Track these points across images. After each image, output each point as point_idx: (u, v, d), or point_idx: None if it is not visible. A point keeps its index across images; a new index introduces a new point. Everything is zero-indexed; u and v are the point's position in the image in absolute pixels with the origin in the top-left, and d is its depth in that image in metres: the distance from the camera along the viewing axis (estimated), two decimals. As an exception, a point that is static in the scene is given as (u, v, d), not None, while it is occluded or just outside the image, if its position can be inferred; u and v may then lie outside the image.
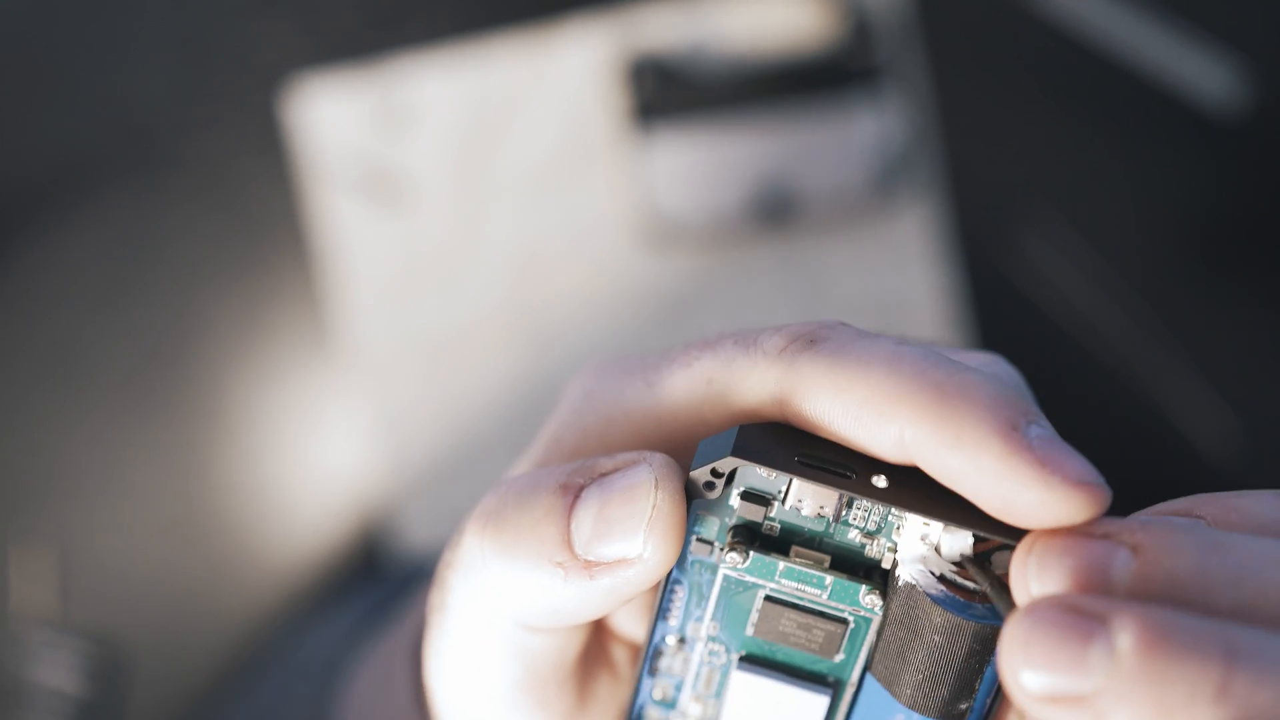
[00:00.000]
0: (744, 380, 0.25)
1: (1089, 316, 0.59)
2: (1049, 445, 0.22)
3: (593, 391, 0.27)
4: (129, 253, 0.58)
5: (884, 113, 0.58)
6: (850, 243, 0.59)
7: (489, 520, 0.25)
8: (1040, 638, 0.21)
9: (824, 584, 0.25)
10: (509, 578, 0.25)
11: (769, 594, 0.26)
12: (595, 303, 0.59)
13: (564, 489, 0.25)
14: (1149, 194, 0.59)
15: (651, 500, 0.24)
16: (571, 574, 0.24)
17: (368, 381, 0.58)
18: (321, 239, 0.58)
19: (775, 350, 0.25)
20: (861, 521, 0.25)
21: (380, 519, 0.58)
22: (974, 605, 0.24)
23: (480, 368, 0.59)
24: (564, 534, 0.24)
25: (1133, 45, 0.59)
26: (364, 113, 0.58)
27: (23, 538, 0.57)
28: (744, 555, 0.25)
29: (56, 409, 0.58)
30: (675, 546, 0.24)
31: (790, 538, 0.26)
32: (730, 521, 0.25)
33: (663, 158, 0.57)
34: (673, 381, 0.26)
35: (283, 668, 0.50)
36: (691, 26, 0.58)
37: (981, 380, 0.23)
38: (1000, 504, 0.22)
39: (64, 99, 0.58)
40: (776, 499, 0.25)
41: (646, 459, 0.25)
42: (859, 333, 0.24)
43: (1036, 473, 0.22)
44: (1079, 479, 0.22)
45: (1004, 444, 0.22)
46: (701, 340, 0.26)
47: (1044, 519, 0.22)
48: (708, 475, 0.24)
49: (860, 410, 0.23)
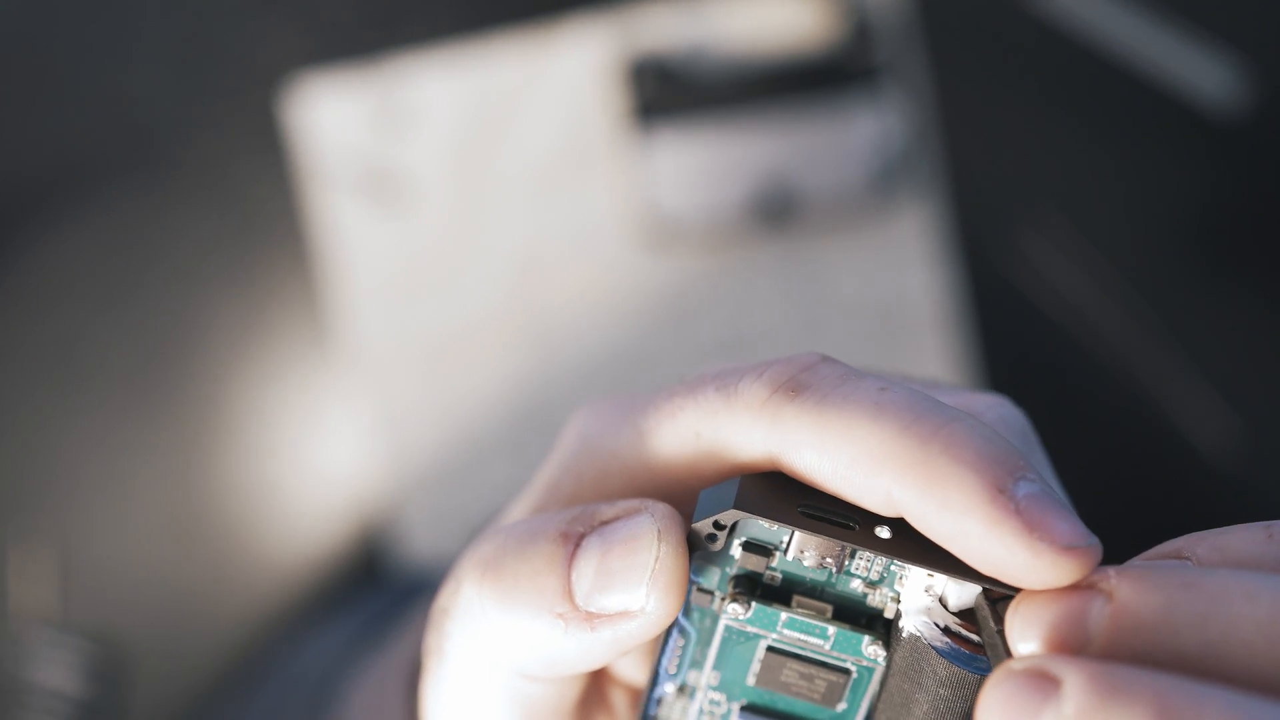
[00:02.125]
0: (731, 435, 0.25)
1: (1089, 316, 0.59)
2: (1037, 506, 0.22)
3: (588, 437, 0.27)
4: (129, 252, 0.58)
5: (884, 113, 0.58)
6: (850, 243, 0.59)
7: (488, 569, 0.25)
8: (1004, 703, 0.21)
9: (826, 634, 0.25)
10: (508, 627, 0.24)
11: (771, 644, 0.26)
12: (596, 303, 0.59)
13: (564, 538, 0.24)
14: (1148, 194, 0.59)
15: (654, 553, 0.24)
16: (572, 625, 0.24)
17: (368, 382, 0.58)
18: (321, 239, 0.58)
19: (758, 402, 0.24)
20: (864, 571, 0.25)
21: (380, 519, 0.58)
22: (980, 658, 0.24)
23: (481, 368, 0.59)
24: (565, 584, 0.24)
25: (1132, 45, 0.59)
26: (364, 113, 0.58)
27: (23, 538, 0.57)
28: (746, 606, 0.25)
29: (56, 409, 0.58)
30: (678, 599, 0.24)
31: (792, 587, 0.25)
32: (731, 571, 0.25)
33: (663, 158, 0.57)
34: (662, 434, 0.25)
35: (277, 680, 0.50)
36: (691, 26, 0.58)
37: (968, 433, 0.22)
38: (990, 567, 0.22)
39: (64, 99, 0.58)
40: (779, 549, 0.25)
41: (649, 509, 0.24)
42: (841, 376, 0.24)
43: (1023, 540, 0.22)
44: (1067, 543, 0.22)
45: (990, 509, 0.22)
46: (684, 386, 0.26)
47: (1034, 582, 0.22)
48: (710, 528, 0.24)
49: (847, 470, 0.23)
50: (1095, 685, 0.20)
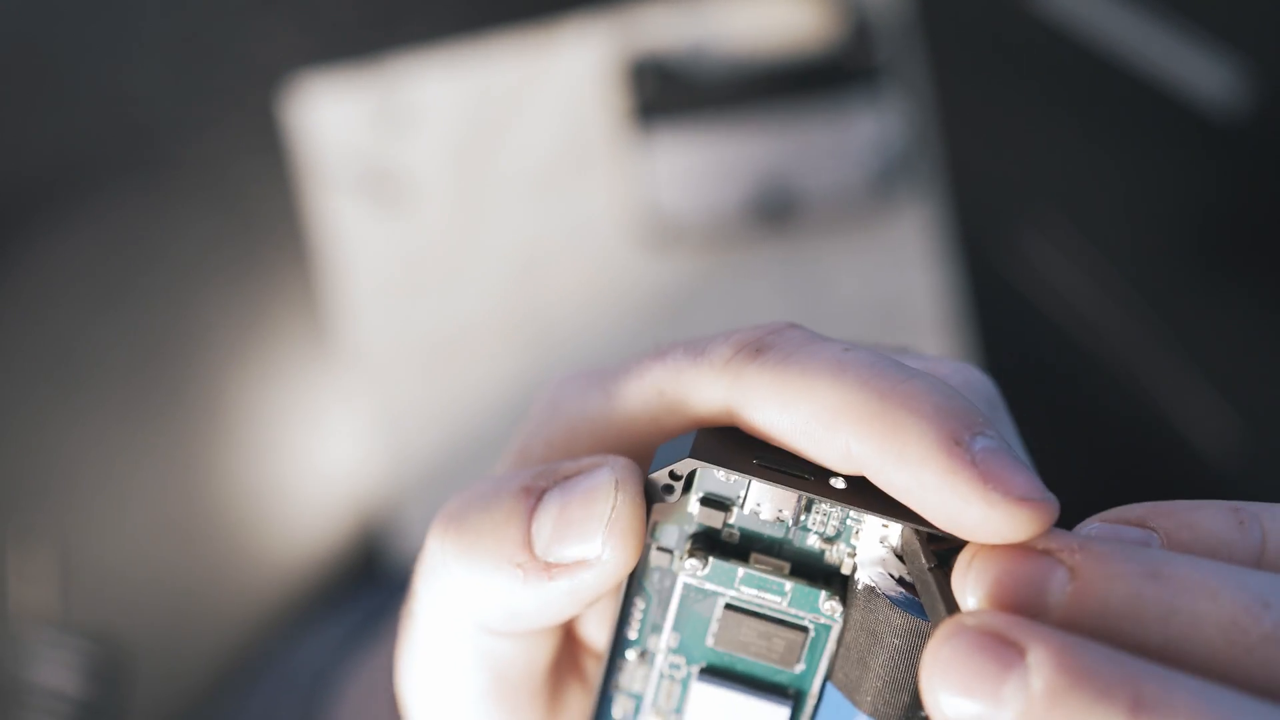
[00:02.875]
0: (693, 390, 0.25)
1: (1088, 316, 0.59)
2: (994, 459, 0.22)
3: (557, 402, 0.27)
4: (129, 252, 0.58)
5: (884, 113, 0.58)
6: (850, 243, 0.59)
7: (450, 522, 0.25)
8: (962, 662, 0.20)
9: (784, 590, 0.25)
10: (470, 580, 0.25)
11: (729, 602, 0.26)
12: (595, 302, 0.59)
13: (526, 492, 0.25)
14: (1149, 194, 0.59)
15: (611, 502, 0.24)
16: (531, 575, 0.24)
17: (367, 382, 0.58)
18: (321, 239, 0.58)
19: (722, 360, 0.24)
20: (821, 526, 0.25)
21: (380, 518, 0.58)
22: None
23: (480, 367, 0.59)
24: (524, 535, 0.24)
25: (1133, 45, 0.59)
26: (364, 113, 0.58)
27: (23, 538, 0.57)
28: (704, 562, 0.25)
29: (56, 409, 0.58)
30: (634, 548, 0.24)
31: (750, 545, 0.25)
32: (690, 529, 0.25)
33: (663, 158, 0.57)
34: (628, 392, 0.26)
35: (273, 677, 0.50)
36: (691, 26, 0.58)
37: (927, 388, 0.22)
38: (945, 519, 0.22)
39: (64, 98, 0.58)
40: (736, 504, 0.25)
41: (609, 462, 0.25)
42: (806, 338, 0.24)
43: (978, 490, 0.21)
44: (1023, 495, 0.21)
45: (946, 459, 0.22)
46: (655, 349, 0.26)
47: (988, 535, 0.22)
48: (666, 478, 0.24)
49: (806, 424, 0.23)
50: (1066, 662, 0.20)
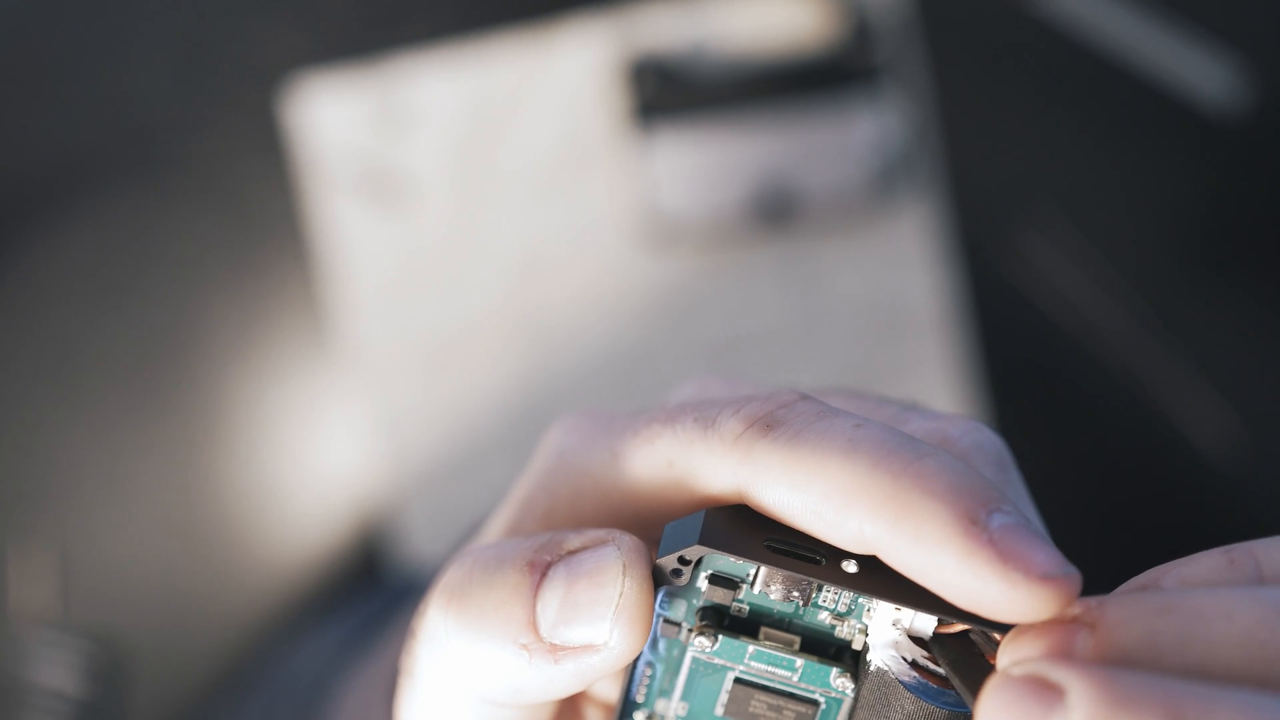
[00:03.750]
0: (703, 466, 0.24)
1: (1089, 316, 0.59)
2: (1011, 536, 0.22)
3: (564, 453, 0.27)
4: (129, 252, 0.58)
5: (884, 113, 0.58)
6: (850, 243, 0.59)
7: (453, 596, 0.25)
8: (1006, 709, 0.21)
9: (794, 666, 0.25)
10: (473, 656, 0.24)
11: (739, 676, 0.25)
12: (596, 303, 0.59)
13: (531, 567, 0.24)
14: (1149, 194, 0.59)
15: (619, 587, 0.23)
16: (536, 657, 0.24)
17: (368, 382, 0.58)
18: (321, 239, 0.58)
19: (733, 436, 0.24)
20: (832, 604, 0.25)
21: (380, 520, 0.58)
22: (948, 693, 0.24)
23: (481, 368, 0.59)
24: (529, 615, 0.24)
25: (1133, 45, 0.59)
26: (364, 113, 0.58)
27: (23, 538, 0.57)
28: (713, 639, 0.25)
29: (56, 409, 0.58)
30: (642, 634, 0.24)
31: (759, 619, 0.25)
32: (698, 604, 0.25)
33: (663, 158, 0.57)
34: (636, 460, 0.25)
35: (269, 683, 0.50)
36: (691, 26, 0.58)
37: (940, 467, 0.22)
38: (965, 600, 0.22)
39: (64, 98, 0.58)
40: (745, 582, 0.25)
41: (615, 540, 0.24)
42: (817, 413, 0.24)
43: (998, 569, 0.21)
44: (1044, 574, 0.21)
45: (963, 540, 0.21)
46: (664, 412, 0.26)
47: (1011, 614, 0.22)
48: (674, 563, 0.24)
49: (818, 506, 0.23)
50: (1103, 691, 0.20)
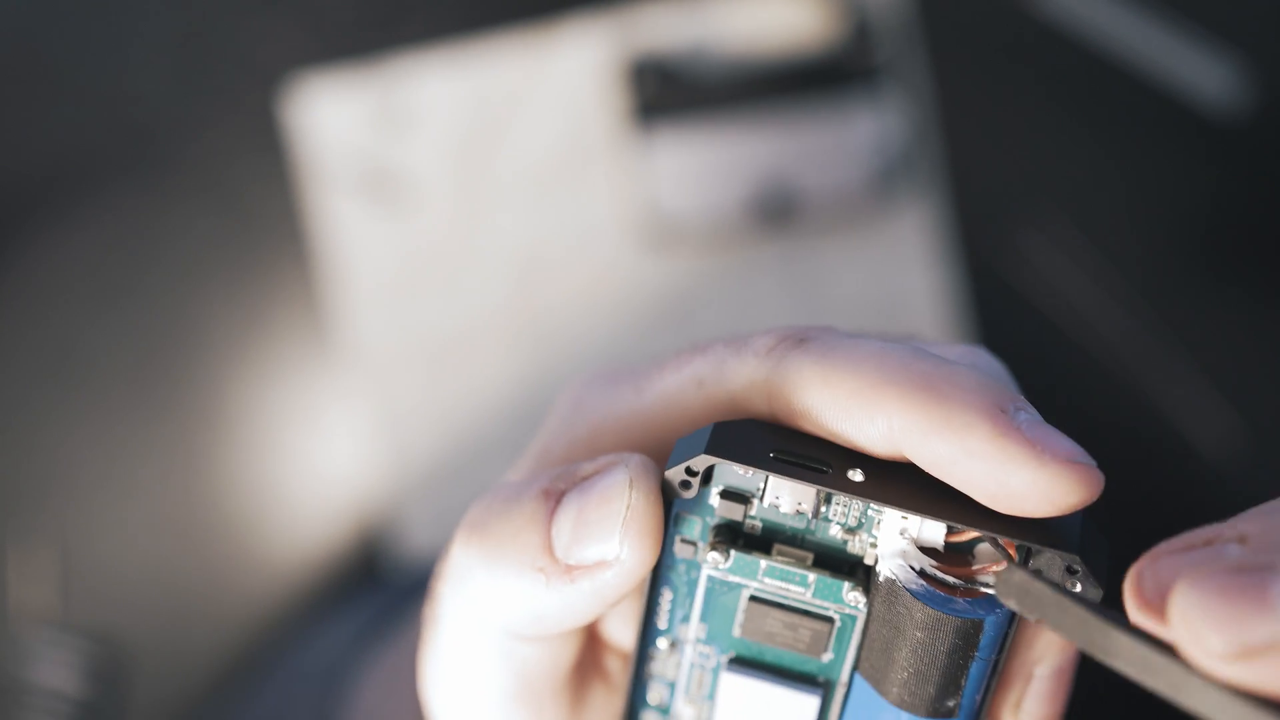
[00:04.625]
0: (733, 379, 0.25)
1: (1089, 316, 0.59)
2: (1038, 427, 0.22)
3: (582, 401, 0.27)
4: (129, 252, 0.58)
5: (884, 113, 0.58)
6: (850, 243, 0.59)
7: (473, 530, 0.25)
8: (1216, 596, 0.20)
9: (807, 582, 0.25)
10: (493, 586, 0.25)
11: (753, 594, 0.25)
12: (596, 303, 0.59)
13: (546, 495, 0.25)
14: (1149, 194, 0.59)
15: (626, 500, 0.24)
16: (553, 579, 0.24)
17: (368, 383, 0.58)
18: (321, 239, 0.58)
19: (765, 349, 0.25)
20: (842, 518, 0.25)
21: (381, 520, 0.58)
22: (955, 600, 0.24)
23: (481, 368, 0.59)
24: (545, 539, 0.24)
25: (1133, 45, 0.59)
26: (364, 113, 0.58)
27: (23, 538, 0.57)
28: (725, 555, 0.25)
29: (56, 409, 0.58)
30: (652, 547, 0.24)
31: (773, 536, 0.25)
32: (712, 521, 0.25)
33: (663, 158, 0.57)
34: (663, 385, 0.26)
35: (286, 673, 0.50)
36: (691, 26, 0.58)
37: (968, 370, 0.23)
38: (992, 487, 0.22)
39: (64, 98, 0.58)
40: (755, 496, 0.25)
41: (624, 460, 0.24)
42: (846, 333, 0.25)
43: (1027, 452, 0.22)
44: (1070, 458, 0.22)
45: (992, 426, 0.22)
46: (693, 345, 0.26)
47: (1037, 500, 0.22)
48: (683, 474, 0.24)
49: (848, 402, 0.23)
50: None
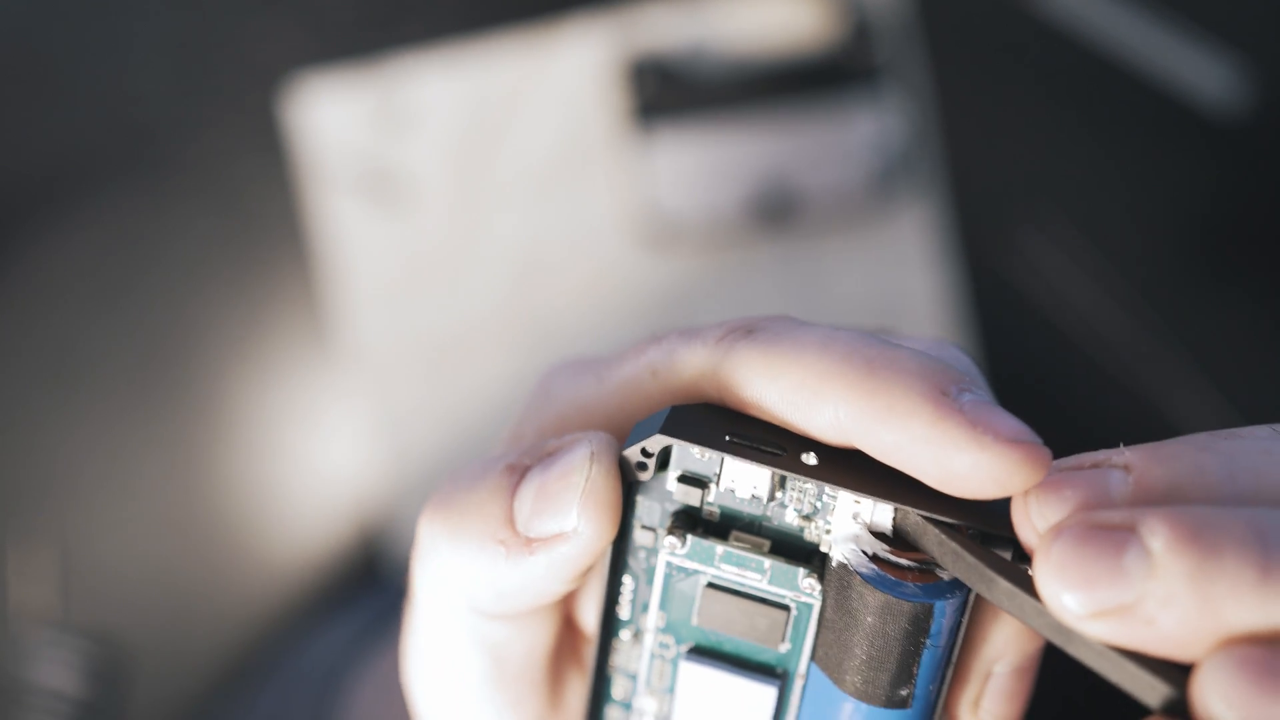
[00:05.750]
0: (684, 368, 0.25)
1: (1089, 316, 0.59)
2: (980, 408, 0.22)
3: (549, 389, 0.27)
4: (129, 252, 0.58)
5: (884, 113, 0.58)
6: (850, 243, 0.59)
7: (439, 504, 0.25)
8: (1073, 558, 0.20)
9: (764, 568, 0.25)
10: (457, 560, 0.25)
11: (710, 580, 0.26)
12: (596, 302, 0.59)
13: (510, 470, 0.25)
14: (1149, 194, 0.59)
15: (585, 473, 0.24)
16: (513, 551, 0.24)
17: (368, 383, 0.58)
18: (321, 239, 0.58)
19: (714, 339, 0.25)
20: (797, 504, 0.25)
21: (380, 520, 0.58)
22: (905, 584, 0.24)
23: (481, 369, 0.59)
24: (506, 512, 0.25)
25: (1133, 45, 0.59)
26: (364, 113, 0.58)
27: (23, 538, 0.57)
28: (683, 540, 0.25)
29: (56, 409, 0.58)
30: (609, 520, 0.24)
31: (730, 523, 0.25)
32: (671, 507, 0.25)
33: (663, 158, 0.57)
34: (621, 373, 0.26)
35: (282, 677, 0.50)
36: (691, 26, 0.58)
37: (911, 354, 0.23)
38: (937, 472, 0.22)
39: (64, 98, 0.58)
40: (712, 481, 0.25)
41: (587, 437, 0.25)
42: (797, 322, 0.25)
43: (968, 433, 0.22)
44: (1013, 437, 0.22)
45: (934, 409, 0.22)
46: (651, 335, 0.27)
47: (982, 482, 0.22)
48: (639, 455, 0.24)
49: (793, 393, 0.23)
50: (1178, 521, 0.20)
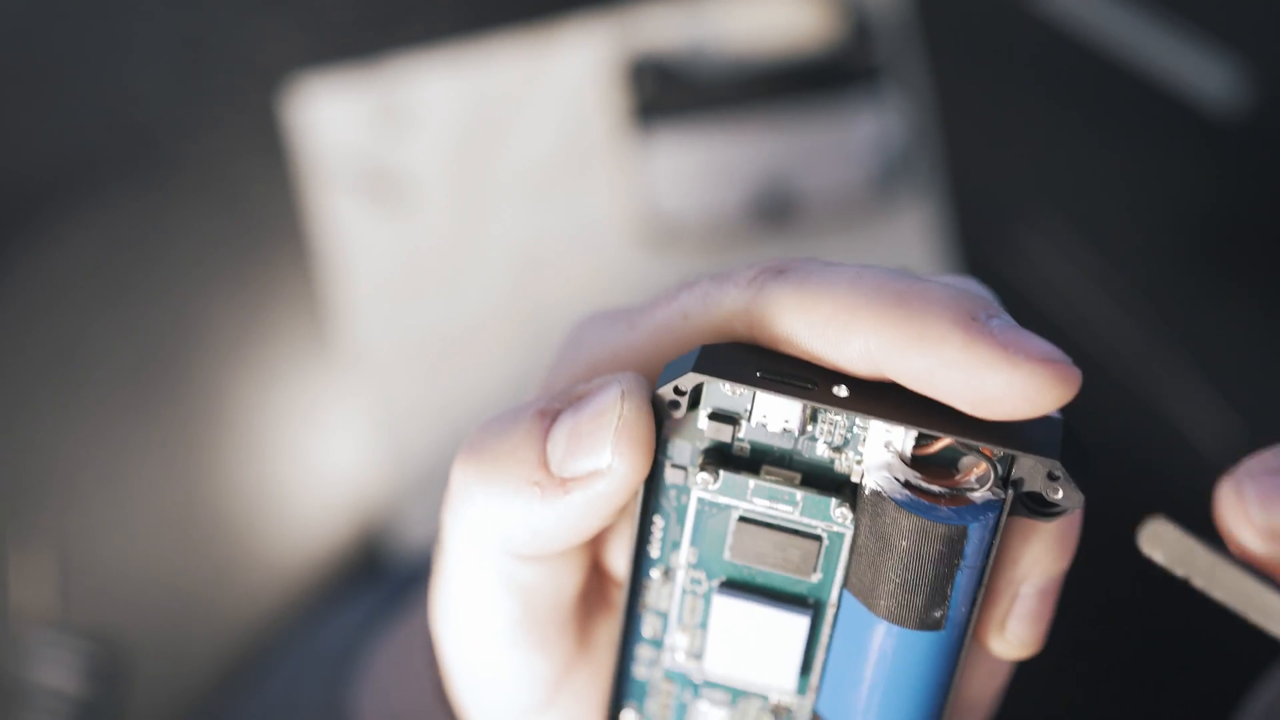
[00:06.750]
0: (717, 310, 0.26)
1: (1089, 316, 0.59)
2: (1010, 330, 0.23)
3: (579, 338, 0.28)
4: (129, 252, 0.58)
5: (884, 113, 0.58)
6: (850, 243, 0.59)
7: (471, 450, 0.26)
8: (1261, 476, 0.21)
9: (795, 500, 0.25)
10: (491, 503, 0.25)
11: (742, 514, 0.26)
12: (596, 302, 0.59)
13: (541, 414, 0.25)
14: (1149, 194, 0.59)
15: (618, 412, 0.24)
16: (548, 492, 0.25)
17: (368, 382, 0.58)
18: (321, 239, 0.58)
19: (745, 281, 0.25)
20: (828, 436, 0.25)
21: (380, 520, 0.58)
22: (939, 508, 0.24)
23: (481, 368, 0.59)
24: (540, 454, 0.25)
25: (1133, 45, 0.59)
26: (364, 113, 0.58)
27: (23, 538, 0.57)
28: (714, 476, 0.25)
29: (56, 409, 0.58)
30: (643, 457, 0.24)
31: (761, 458, 0.26)
32: (701, 445, 0.26)
33: (663, 158, 0.57)
34: (654, 319, 0.26)
35: (296, 656, 0.50)
36: (691, 26, 0.58)
37: (939, 285, 0.23)
38: (970, 394, 0.23)
39: (65, 99, 0.58)
40: (743, 418, 0.25)
41: (617, 378, 0.25)
42: (824, 262, 0.25)
43: (1000, 354, 0.22)
44: (1045, 356, 0.22)
45: (965, 333, 0.22)
46: (682, 280, 0.27)
47: (1015, 401, 0.22)
48: (671, 394, 0.25)
49: (825, 326, 0.24)
50: None
